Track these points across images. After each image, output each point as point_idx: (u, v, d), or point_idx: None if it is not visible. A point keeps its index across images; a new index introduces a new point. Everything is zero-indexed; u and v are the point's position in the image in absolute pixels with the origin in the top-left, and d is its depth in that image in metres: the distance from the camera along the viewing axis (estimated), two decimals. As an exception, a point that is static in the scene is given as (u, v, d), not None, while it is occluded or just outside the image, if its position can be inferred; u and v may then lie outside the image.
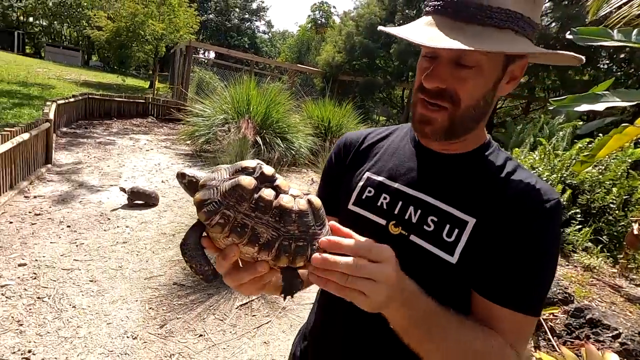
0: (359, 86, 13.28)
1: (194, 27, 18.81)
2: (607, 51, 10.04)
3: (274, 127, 7.01)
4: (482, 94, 0.64)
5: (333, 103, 9.07)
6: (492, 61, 0.62)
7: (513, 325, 0.62)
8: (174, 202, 4.48)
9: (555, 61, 0.68)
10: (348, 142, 0.87)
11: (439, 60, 0.64)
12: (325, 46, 15.43)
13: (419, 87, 0.68)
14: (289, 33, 35.01)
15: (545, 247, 0.63)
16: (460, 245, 0.65)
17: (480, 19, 0.58)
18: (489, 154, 0.73)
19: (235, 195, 0.50)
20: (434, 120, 0.66)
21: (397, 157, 0.79)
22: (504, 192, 0.66)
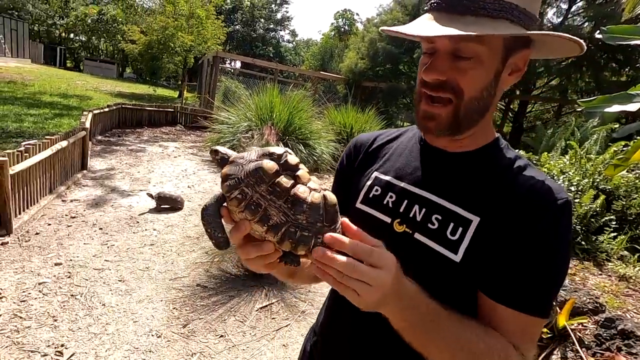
0: (383, 92, 13.23)
1: (221, 38, 19.44)
2: (647, 50, 9.51)
3: (296, 133, 7.09)
4: (484, 85, 0.64)
5: (356, 109, 9.09)
6: (490, 52, 0.62)
7: (518, 326, 0.61)
8: (199, 207, 4.60)
9: (555, 51, 0.67)
10: (359, 143, 0.90)
11: (437, 53, 0.65)
12: (348, 53, 15.49)
13: (421, 82, 0.69)
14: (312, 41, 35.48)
15: (553, 246, 0.62)
16: (465, 244, 0.65)
17: (473, 10, 0.60)
18: (497, 151, 0.72)
19: (256, 176, 0.54)
20: (437, 116, 0.67)
21: (405, 157, 0.80)
22: (511, 190, 0.66)
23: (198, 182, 5.66)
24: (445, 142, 0.73)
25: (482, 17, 0.60)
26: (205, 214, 0.56)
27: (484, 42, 0.61)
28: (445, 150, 0.74)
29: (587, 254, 3.22)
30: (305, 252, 0.55)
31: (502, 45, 0.63)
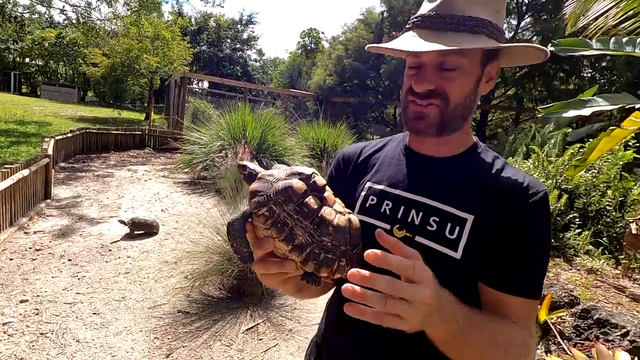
0: (352, 107, 13.54)
1: (187, 58, 19.30)
2: (589, 60, 10.38)
3: (270, 150, 7.09)
4: (467, 92, 0.71)
5: (327, 124, 9.23)
6: (472, 62, 0.69)
7: (523, 311, 0.66)
8: (175, 230, 4.47)
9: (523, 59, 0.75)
10: (346, 156, 0.92)
11: (424, 66, 0.71)
12: (316, 70, 15.82)
13: (409, 91, 0.74)
14: (279, 60, 35.98)
15: (540, 235, 0.68)
16: (463, 241, 0.69)
17: (455, 26, 0.66)
18: (478, 154, 0.78)
19: (285, 195, 0.54)
20: (426, 116, 0.72)
21: (394, 166, 0.84)
22: (496, 188, 0.71)
23: (172, 205, 5.49)
24: (432, 148, 0.79)
25: (463, 32, 0.66)
26: (231, 229, 0.56)
27: (466, 54, 0.68)
28: (432, 157, 0.79)
29: (557, 251, 3.40)
30: (328, 274, 0.56)
31: (480, 57, 0.70)
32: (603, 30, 6.27)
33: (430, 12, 0.70)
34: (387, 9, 12.51)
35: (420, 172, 0.79)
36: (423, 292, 0.49)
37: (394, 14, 12.15)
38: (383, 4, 12.82)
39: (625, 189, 3.52)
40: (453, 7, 0.68)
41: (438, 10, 0.69)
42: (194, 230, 4.33)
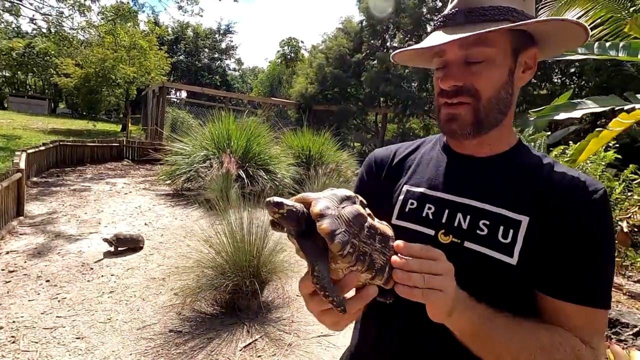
0: (334, 114, 13.60)
1: (165, 68, 18.94)
2: (559, 67, 10.85)
3: (255, 159, 6.98)
4: (500, 84, 0.67)
5: (311, 132, 9.21)
6: (499, 52, 0.66)
7: (584, 321, 0.61)
8: (161, 245, 4.28)
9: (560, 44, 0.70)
10: (378, 159, 0.88)
11: (450, 63, 0.68)
12: (297, 79, 15.85)
13: (439, 93, 0.72)
14: (259, 69, 35.87)
15: (602, 238, 0.63)
16: (518, 246, 0.64)
17: (475, 17, 0.65)
18: (524, 152, 0.74)
19: (358, 224, 0.53)
20: (458, 116, 0.69)
21: (433, 167, 0.79)
22: (550, 187, 0.67)
23: (155, 218, 5.28)
24: (473, 147, 0.74)
25: (484, 22, 0.64)
26: (323, 282, 0.50)
27: (491, 44, 0.65)
28: (474, 156, 0.75)
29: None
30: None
31: (510, 45, 0.66)
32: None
33: (451, 11, 0.68)
34: (366, 18, 12.72)
35: (463, 173, 0.74)
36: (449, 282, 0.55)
37: (372, 23, 12.37)
38: (362, 13, 13.02)
39: (610, 188, 3.63)
40: (470, 2, 0.66)
41: (458, 7, 0.67)
42: (183, 244, 4.16)
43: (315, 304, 0.54)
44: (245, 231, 3.10)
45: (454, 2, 0.68)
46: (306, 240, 0.52)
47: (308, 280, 0.53)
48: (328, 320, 0.55)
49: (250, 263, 2.94)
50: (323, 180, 5.82)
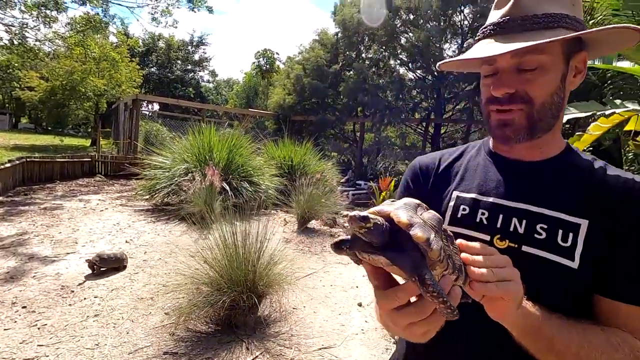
0: (313, 124, 13.67)
1: (136, 80, 18.44)
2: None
3: (238, 171, 6.87)
4: (553, 90, 0.68)
5: (292, 143, 9.19)
6: (552, 59, 0.66)
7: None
8: (145, 262, 4.09)
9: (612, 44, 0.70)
10: (424, 166, 0.87)
11: (502, 71, 0.68)
12: (275, 89, 15.84)
13: (489, 100, 0.72)
14: (234, 80, 35.63)
15: None
16: (579, 249, 0.65)
17: (529, 25, 0.65)
18: (575, 156, 0.75)
19: (440, 228, 0.53)
20: (511, 121, 0.69)
21: (482, 172, 0.79)
22: (607, 190, 0.68)
23: (137, 235, 5.06)
24: (523, 151, 0.75)
25: (539, 30, 0.64)
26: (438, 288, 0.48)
27: (544, 51, 0.65)
28: (524, 161, 0.75)
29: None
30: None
31: (562, 51, 0.67)
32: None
33: (501, 19, 0.68)
34: (342, 30, 12.96)
35: (515, 178, 0.75)
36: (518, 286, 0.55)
37: (348, 34, 12.61)
38: (337, 25, 13.27)
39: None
40: (522, 9, 0.66)
41: (510, 14, 0.67)
42: (170, 261, 4.00)
43: (402, 318, 0.52)
44: (239, 244, 3.02)
45: (505, 9, 0.68)
46: (395, 253, 0.50)
47: (390, 297, 0.52)
48: (418, 331, 0.53)
49: (247, 277, 2.85)
50: (310, 190, 5.78)
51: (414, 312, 0.51)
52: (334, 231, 6.07)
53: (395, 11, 11.43)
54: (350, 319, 3.25)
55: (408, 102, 12.63)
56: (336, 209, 6.62)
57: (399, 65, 13.53)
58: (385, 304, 0.53)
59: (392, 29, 11.93)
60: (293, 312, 3.17)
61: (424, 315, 0.50)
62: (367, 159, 15.31)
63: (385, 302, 0.53)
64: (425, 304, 0.50)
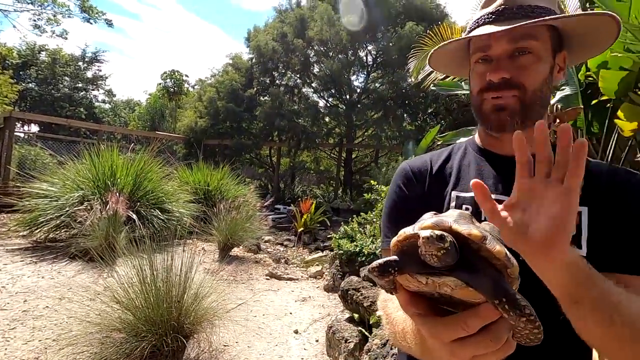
0: (229, 148, 13.23)
1: (9, 96, 15.54)
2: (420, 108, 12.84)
3: (148, 197, 6.15)
4: (543, 79, 0.71)
5: (208, 167, 8.72)
6: (544, 48, 0.70)
7: None
8: (25, 314, 3.26)
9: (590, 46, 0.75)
10: (416, 169, 0.85)
11: (497, 57, 0.71)
12: (185, 112, 15.00)
13: (483, 88, 0.73)
14: (135, 102, 32.69)
15: None
16: (585, 235, 0.66)
17: (525, 13, 0.69)
18: None
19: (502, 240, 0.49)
20: (507, 105, 0.71)
21: (476, 171, 0.79)
22: (595, 178, 0.71)
23: (11, 281, 4.05)
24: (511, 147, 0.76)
25: (534, 18, 0.68)
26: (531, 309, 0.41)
27: (538, 37, 0.69)
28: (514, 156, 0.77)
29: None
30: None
31: (550, 43, 0.71)
32: (435, 82, 7.95)
33: (498, 7, 0.72)
34: (256, 56, 13.04)
35: (510, 173, 0.75)
36: None
37: (263, 60, 12.74)
38: (252, 51, 13.33)
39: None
40: (516, 1, 0.71)
41: (506, 4, 0.71)
42: (69, 307, 3.25)
43: (466, 350, 0.44)
44: (159, 278, 2.63)
45: (499, 1, 0.72)
46: (467, 273, 0.42)
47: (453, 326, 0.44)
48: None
49: (170, 316, 2.47)
50: (232, 215, 5.45)
51: (485, 342, 0.43)
52: (259, 257, 5.79)
53: (308, 42, 12.00)
54: (288, 348, 3.04)
55: (322, 128, 13.14)
56: (259, 234, 6.36)
57: (312, 92, 14.11)
58: (445, 333, 0.45)
59: (305, 59, 12.45)
60: (225, 350, 2.84)
61: (499, 344, 0.43)
62: (283, 184, 15.30)
63: (446, 332, 0.45)
64: (500, 331, 0.43)
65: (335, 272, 4.50)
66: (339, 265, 4.49)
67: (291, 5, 13.76)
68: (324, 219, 8.54)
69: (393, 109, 11.78)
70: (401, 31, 10.89)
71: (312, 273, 5.18)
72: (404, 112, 12.16)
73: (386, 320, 0.71)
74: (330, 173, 16.97)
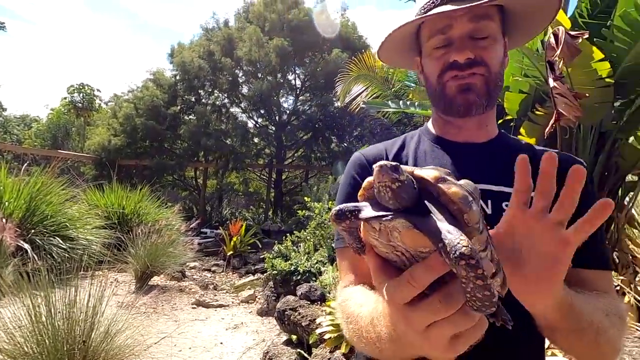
0: (148, 169, 12.18)
1: None
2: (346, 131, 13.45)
3: (45, 224, 5.25)
4: (501, 60, 0.72)
5: (123, 189, 7.88)
6: (498, 30, 0.71)
7: (608, 283, 0.68)
8: None
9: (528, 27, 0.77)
10: (371, 158, 0.81)
11: (458, 38, 0.69)
12: (97, 129, 13.53)
13: (445, 68, 0.71)
14: (33, 117, 28.53)
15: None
16: None
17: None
18: (509, 137, 0.82)
19: (478, 199, 0.43)
20: (473, 85, 0.70)
21: (433, 159, 0.78)
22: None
23: None
24: (470, 133, 0.77)
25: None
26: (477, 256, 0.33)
27: (495, 19, 0.70)
28: (472, 143, 0.77)
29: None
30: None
31: (501, 26, 0.72)
32: (360, 104, 8.42)
33: None
34: (180, 73, 12.45)
35: (469, 160, 0.75)
36: None
37: (188, 78, 12.20)
38: (176, 68, 12.71)
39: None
40: None
41: None
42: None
43: (424, 313, 0.38)
44: (58, 317, 2.19)
45: None
46: (418, 217, 0.37)
47: (402, 282, 0.38)
48: (443, 335, 0.38)
49: (73, 359, 2.05)
50: (153, 239, 4.92)
51: (436, 304, 0.37)
52: (183, 285, 5.27)
53: (236, 62, 11.87)
54: (220, 383, 2.74)
55: (252, 148, 12.91)
56: (184, 260, 5.83)
57: (241, 112, 13.86)
58: (396, 294, 0.39)
59: (234, 78, 12.26)
60: (143, 394, 2.44)
61: (451, 307, 0.37)
62: (210, 207, 14.51)
63: (396, 291, 0.39)
64: (452, 289, 0.37)
65: (269, 294, 4.29)
66: (273, 287, 4.29)
67: (218, 25, 13.56)
68: (255, 241, 8.23)
69: (322, 131, 12.12)
70: (328, 57, 11.41)
71: (244, 298, 4.86)
72: (332, 134, 12.59)
73: (348, 321, 0.63)
74: (260, 195, 16.61)
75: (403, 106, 3.61)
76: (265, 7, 12.35)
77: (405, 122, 8.71)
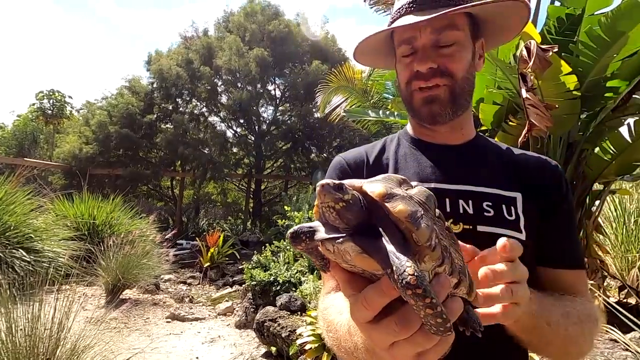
0: (122, 179, 11.77)
1: None
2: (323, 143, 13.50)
3: (8, 235, 4.95)
4: (468, 65, 0.73)
5: (94, 199, 7.56)
6: (465, 36, 0.72)
7: (581, 283, 0.70)
8: None
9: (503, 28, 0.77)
10: (352, 161, 0.81)
11: (422, 48, 0.70)
12: (67, 137, 13.00)
13: (411, 77, 0.72)
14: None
15: (572, 208, 0.76)
16: (522, 220, 0.69)
17: (443, 2, 0.69)
18: (486, 139, 0.83)
19: (432, 209, 0.40)
20: (437, 97, 0.71)
21: (413, 161, 0.78)
22: (525, 167, 0.75)
23: None
24: (446, 135, 0.78)
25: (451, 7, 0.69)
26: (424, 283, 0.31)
27: (460, 27, 0.70)
28: (449, 145, 0.78)
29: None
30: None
31: (470, 31, 0.73)
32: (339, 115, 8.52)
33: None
34: (158, 81, 12.21)
35: (448, 161, 0.76)
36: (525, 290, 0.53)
37: (166, 86, 11.98)
38: (153, 75, 12.47)
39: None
40: None
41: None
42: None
43: (383, 334, 0.37)
44: (20, 334, 2.05)
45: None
46: (367, 239, 0.36)
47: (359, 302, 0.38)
48: (405, 353, 0.37)
49: (35, 380, 1.91)
50: (126, 250, 4.72)
51: (393, 325, 0.36)
52: (157, 298, 5.07)
53: (216, 70, 11.77)
54: (195, 400, 2.62)
55: (230, 158, 12.75)
56: (158, 272, 5.62)
57: (220, 121, 13.70)
58: (354, 313, 0.39)
59: (213, 87, 12.14)
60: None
61: (407, 330, 0.36)
62: (186, 217, 14.13)
63: (355, 310, 0.39)
64: (407, 313, 0.36)
65: (247, 305, 4.18)
66: (252, 298, 4.18)
67: (198, 33, 13.46)
68: (233, 252, 8.05)
69: (302, 141, 12.13)
70: (308, 68, 11.51)
71: (221, 310, 4.71)
72: (312, 144, 12.62)
73: (328, 329, 0.62)
74: (239, 205, 16.36)
75: (382, 115, 3.69)
76: (245, 18, 12.39)
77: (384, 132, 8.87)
